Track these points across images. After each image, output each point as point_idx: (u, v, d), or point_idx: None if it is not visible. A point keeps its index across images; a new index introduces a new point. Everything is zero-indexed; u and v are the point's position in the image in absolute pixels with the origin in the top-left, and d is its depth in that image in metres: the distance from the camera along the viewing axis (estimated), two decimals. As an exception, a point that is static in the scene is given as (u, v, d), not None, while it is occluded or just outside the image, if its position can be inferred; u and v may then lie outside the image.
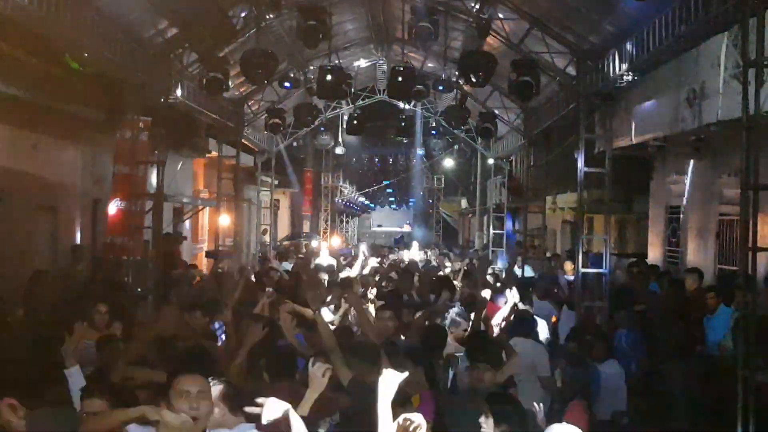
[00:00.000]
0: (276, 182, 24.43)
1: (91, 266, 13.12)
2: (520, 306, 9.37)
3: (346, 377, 5.57)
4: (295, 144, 25.82)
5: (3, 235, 10.95)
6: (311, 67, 17.86)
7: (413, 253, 22.21)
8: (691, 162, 13.09)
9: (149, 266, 12.84)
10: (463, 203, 36.64)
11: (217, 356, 6.53)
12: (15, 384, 5.67)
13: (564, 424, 4.80)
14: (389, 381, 4.12)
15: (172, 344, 6.55)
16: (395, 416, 3.94)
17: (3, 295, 9.57)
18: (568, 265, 14.48)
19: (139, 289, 12.21)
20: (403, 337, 7.95)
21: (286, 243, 27.92)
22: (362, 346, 6.18)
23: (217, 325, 8.28)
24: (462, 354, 7.33)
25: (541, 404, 5.73)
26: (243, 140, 20.07)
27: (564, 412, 6.70)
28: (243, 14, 13.30)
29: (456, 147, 29.89)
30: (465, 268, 15.77)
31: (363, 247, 17.21)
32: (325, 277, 13.18)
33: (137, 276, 12.47)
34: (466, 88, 19.01)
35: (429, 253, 24.28)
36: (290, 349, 6.55)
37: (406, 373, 4.20)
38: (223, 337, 8.13)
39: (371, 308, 9.60)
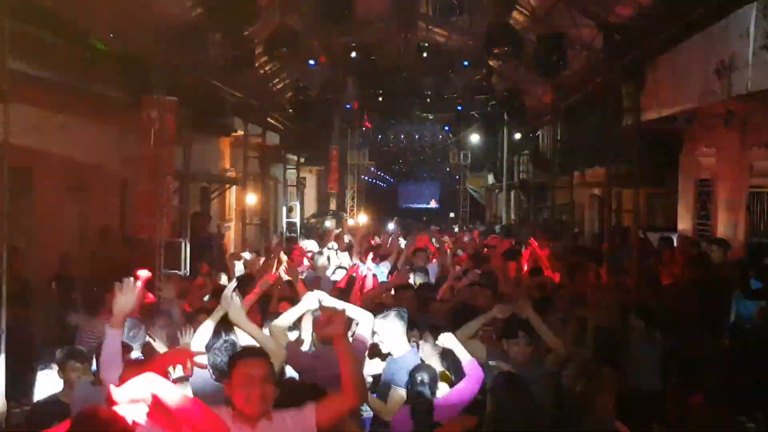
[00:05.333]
0: (302, 160, 24.43)
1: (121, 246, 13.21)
2: None
3: None
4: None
5: (32, 217, 11.06)
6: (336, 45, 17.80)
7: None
8: (721, 134, 12.91)
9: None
10: (490, 179, 36.42)
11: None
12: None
13: None
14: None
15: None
16: None
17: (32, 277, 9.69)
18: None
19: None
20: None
21: (312, 220, 28.05)
22: None
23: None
24: None
25: None
26: (269, 118, 20.09)
27: None
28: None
29: (482, 122, 29.60)
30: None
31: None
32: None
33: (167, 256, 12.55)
34: (491, 63, 18.85)
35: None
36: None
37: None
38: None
39: None
